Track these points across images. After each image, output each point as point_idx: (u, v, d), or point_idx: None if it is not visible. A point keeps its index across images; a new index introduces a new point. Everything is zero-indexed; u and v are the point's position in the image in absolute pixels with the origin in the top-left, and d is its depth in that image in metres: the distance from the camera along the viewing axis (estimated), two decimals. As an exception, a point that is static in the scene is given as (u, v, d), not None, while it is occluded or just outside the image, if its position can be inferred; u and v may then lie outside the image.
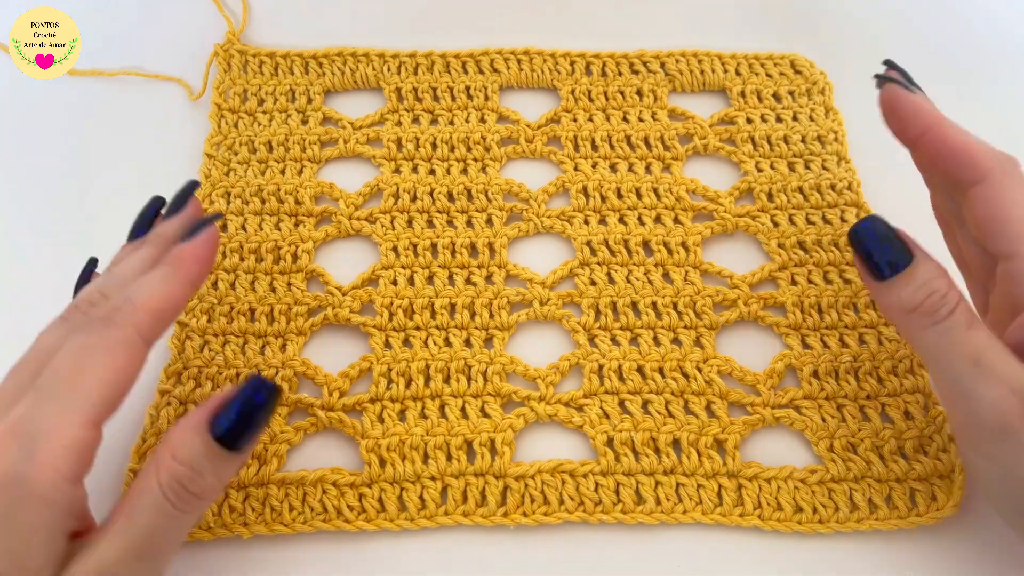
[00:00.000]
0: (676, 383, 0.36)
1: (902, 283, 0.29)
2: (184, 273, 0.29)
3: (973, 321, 0.27)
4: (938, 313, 0.28)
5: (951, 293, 0.28)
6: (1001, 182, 0.28)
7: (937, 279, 0.28)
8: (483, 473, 0.34)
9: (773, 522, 0.33)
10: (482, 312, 0.38)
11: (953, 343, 0.27)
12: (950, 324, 0.28)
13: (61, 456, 0.24)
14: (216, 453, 0.26)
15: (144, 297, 0.28)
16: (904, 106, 0.31)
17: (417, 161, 0.44)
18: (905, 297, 0.29)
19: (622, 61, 0.48)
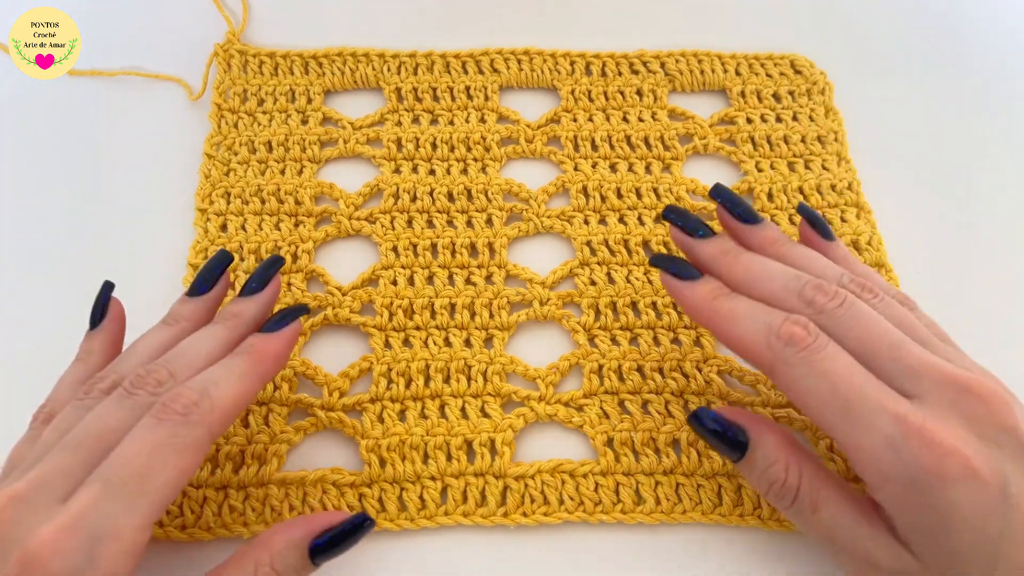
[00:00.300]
0: (676, 383, 0.37)
1: (746, 471, 0.29)
2: (263, 369, 0.29)
3: (817, 501, 0.27)
4: (783, 501, 0.28)
5: (790, 479, 0.28)
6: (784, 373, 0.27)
7: (773, 466, 0.28)
8: (483, 473, 0.34)
9: (773, 522, 0.33)
10: (482, 312, 0.38)
11: (805, 525, 0.28)
12: (796, 509, 0.28)
13: (121, 560, 0.24)
14: (307, 568, 0.28)
15: (223, 394, 0.27)
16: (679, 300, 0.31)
17: (417, 161, 0.44)
18: (753, 483, 0.29)
19: (622, 61, 0.48)
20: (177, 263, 0.40)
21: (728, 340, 0.29)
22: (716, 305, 0.30)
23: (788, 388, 0.28)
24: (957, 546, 0.25)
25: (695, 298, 0.30)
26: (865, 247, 0.41)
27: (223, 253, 0.32)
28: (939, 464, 0.25)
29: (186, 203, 0.43)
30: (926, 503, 0.25)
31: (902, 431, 0.25)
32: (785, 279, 0.29)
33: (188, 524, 0.33)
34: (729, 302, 0.30)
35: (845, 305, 0.28)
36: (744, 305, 0.29)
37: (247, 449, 0.35)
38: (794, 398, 0.28)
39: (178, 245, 0.41)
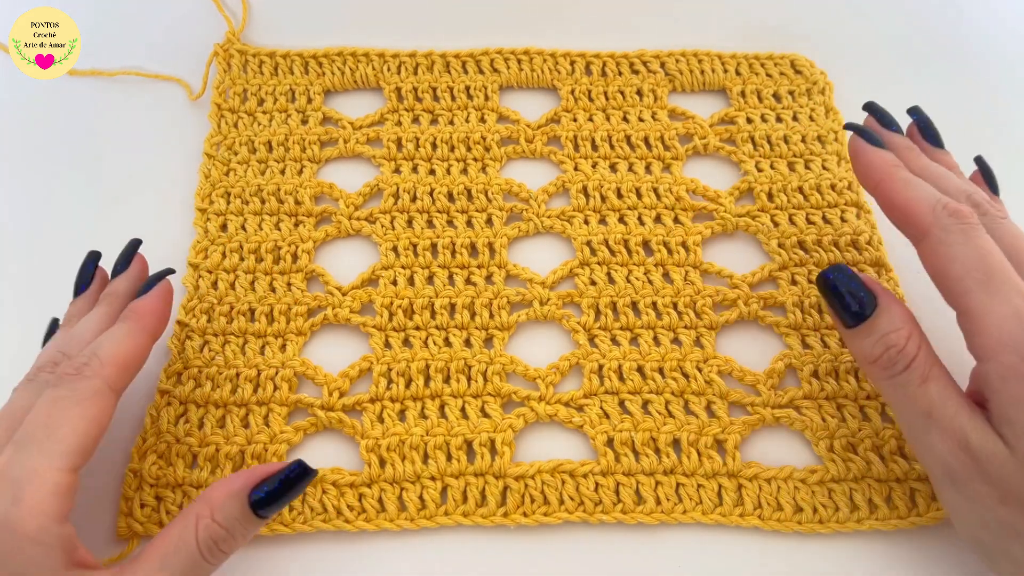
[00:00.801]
0: (676, 383, 0.36)
1: (863, 334, 0.30)
2: (143, 326, 0.32)
3: (928, 374, 0.29)
4: (895, 367, 0.29)
5: (909, 346, 0.29)
6: (939, 239, 0.30)
7: (896, 332, 0.29)
8: (483, 473, 0.34)
9: (773, 522, 0.33)
10: (482, 312, 0.38)
11: (907, 396, 0.29)
12: (905, 379, 0.29)
13: (46, 499, 0.26)
14: (249, 518, 0.28)
15: (109, 351, 0.30)
16: (860, 159, 0.34)
17: (417, 161, 0.44)
18: (865, 348, 0.30)
19: (622, 61, 0.48)
20: (177, 263, 0.40)
21: (895, 200, 0.32)
22: (894, 171, 0.32)
23: (935, 253, 0.30)
24: None
25: (879, 160, 0.33)
26: (865, 247, 0.41)
27: (92, 253, 0.36)
28: None
29: (186, 203, 0.43)
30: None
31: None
32: (959, 183, 0.33)
33: (188, 524, 0.33)
34: (906, 173, 0.33)
35: (1008, 220, 0.31)
36: (918, 180, 0.32)
37: (247, 449, 0.35)
38: (937, 264, 0.30)
39: (178, 245, 0.41)
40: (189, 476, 0.34)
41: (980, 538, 0.29)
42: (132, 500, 0.33)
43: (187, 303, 0.39)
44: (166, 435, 0.35)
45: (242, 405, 0.36)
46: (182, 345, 0.37)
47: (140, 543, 0.33)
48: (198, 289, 0.39)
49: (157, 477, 0.34)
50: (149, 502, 0.33)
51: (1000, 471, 0.27)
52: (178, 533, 0.27)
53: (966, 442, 0.27)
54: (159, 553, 0.27)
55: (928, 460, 0.29)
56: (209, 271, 0.40)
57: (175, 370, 0.37)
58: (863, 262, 0.40)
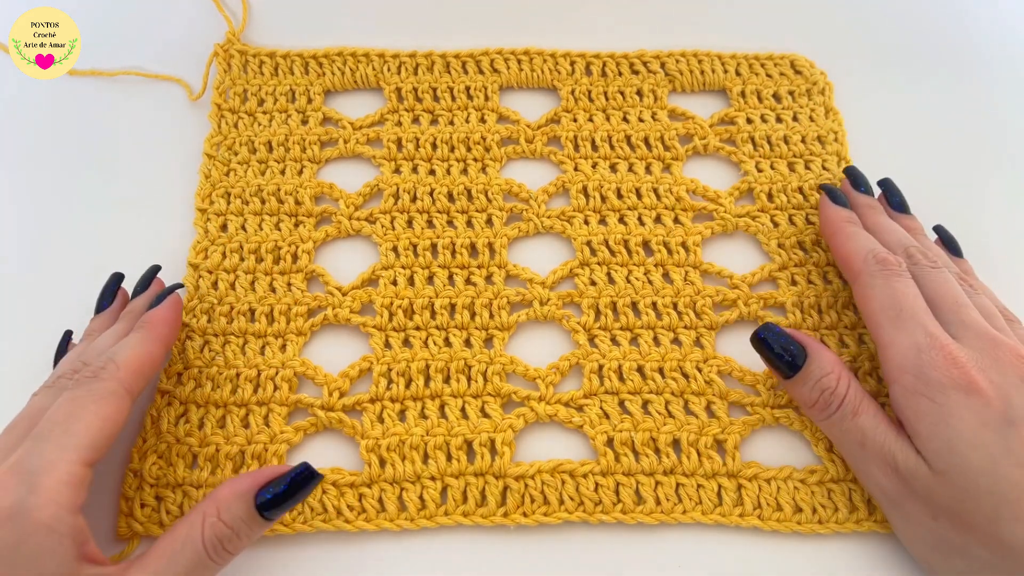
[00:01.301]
0: (676, 383, 0.37)
1: (800, 383, 0.33)
2: (156, 335, 0.34)
3: (858, 408, 0.32)
4: (830, 407, 0.33)
5: (839, 387, 0.32)
6: (865, 282, 0.35)
7: (827, 376, 0.33)
8: (483, 473, 0.34)
9: (772, 522, 0.33)
10: (482, 312, 0.38)
11: (843, 431, 0.32)
12: (839, 416, 0.32)
13: (60, 489, 0.27)
14: (255, 519, 0.29)
15: (124, 356, 0.32)
16: (821, 213, 0.39)
17: (417, 161, 0.44)
18: (803, 394, 0.33)
19: (622, 61, 0.48)
20: (177, 263, 0.40)
21: (838, 250, 0.37)
22: (844, 225, 0.38)
23: (860, 293, 0.35)
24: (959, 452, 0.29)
25: (835, 215, 0.39)
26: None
27: (115, 275, 0.38)
28: (948, 372, 0.30)
29: (186, 203, 0.43)
30: (930, 395, 0.30)
31: (929, 343, 0.31)
32: (900, 237, 0.37)
33: (188, 524, 0.33)
34: (853, 227, 0.38)
35: (937, 270, 0.35)
36: (864, 234, 0.37)
37: (247, 449, 0.35)
38: (861, 302, 0.35)
39: (178, 245, 0.41)
40: (189, 476, 0.34)
41: (924, 556, 0.32)
42: (132, 500, 0.33)
43: (187, 303, 0.39)
44: (166, 435, 0.35)
45: (242, 405, 0.36)
46: (182, 345, 0.37)
47: (140, 543, 0.33)
48: (198, 289, 0.39)
49: (157, 477, 0.34)
50: (149, 502, 0.33)
51: (924, 487, 0.30)
52: (185, 531, 0.28)
53: (895, 464, 0.31)
54: (166, 550, 0.28)
55: (869, 486, 0.33)
56: (209, 271, 0.40)
57: (175, 370, 0.37)
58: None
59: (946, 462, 0.29)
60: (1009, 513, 0.28)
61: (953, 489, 0.29)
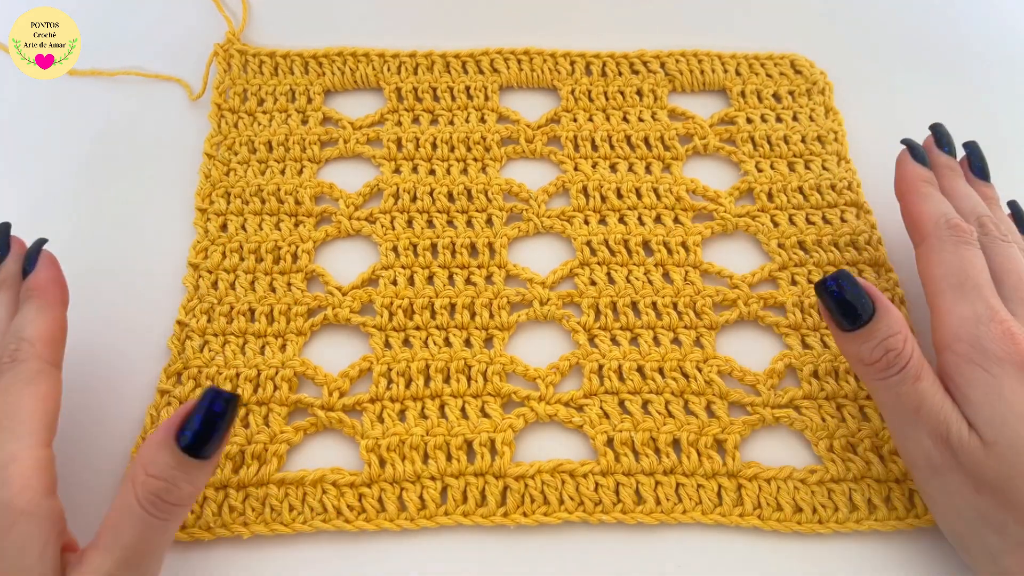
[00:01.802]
0: (676, 383, 0.37)
1: (862, 339, 0.31)
2: (49, 299, 0.33)
3: (920, 373, 0.31)
4: (891, 369, 0.31)
5: (905, 348, 0.31)
6: (932, 245, 0.34)
7: (894, 336, 0.31)
8: (483, 473, 0.34)
9: (772, 522, 0.33)
10: (482, 312, 0.38)
11: (900, 395, 0.31)
12: (900, 379, 0.31)
13: (31, 475, 0.27)
14: (186, 463, 0.27)
15: (32, 332, 0.31)
16: (898, 169, 0.38)
17: (417, 161, 0.44)
18: (864, 352, 0.31)
19: (622, 61, 0.48)
20: (177, 263, 0.40)
21: (910, 208, 0.36)
22: (919, 185, 0.37)
23: (926, 256, 0.34)
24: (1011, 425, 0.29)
25: (910, 172, 0.38)
26: (864, 247, 0.41)
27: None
28: (1005, 345, 0.30)
29: (186, 203, 0.43)
30: (985, 365, 0.30)
31: (989, 315, 0.31)
32: (975, 204, 0.36)
33: (188, 524, 0.33)
34: (929, 188, 0.37)
35: (1006, 241, 0.35)
36: (939, 196, 0.36)
37: (247, 449, 0.35)
38: (925, 265, 0.34)
39: (178, 245, 0.41)
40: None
41: (957, 530, 0.31)
42: (132, 500, 0.33)
43: (187, 303, 0.39)
44: (166, 435, 0.35)
45: (242, 405, 0.36)
46: (182, 345, 0.37)
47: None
48: (198, 289, 0.39)
49: (157, 477, 0.34)
50: (149, 502, 0.33)
51: (972, 459, 0.29)
52: (120, 500, 0.27)
53: (947, 433, 0.30)
54: (108, 527, 0.27)
55: (914, 454, 0.31)
56: (209, 271, 0.40)
57: (175, 370, 0.37)
58: (862, 262, 0.40)
59: (997, 433, 0.29)
60: None
61: (1001, 462, 0.29)
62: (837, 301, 0.32)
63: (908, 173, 0.38)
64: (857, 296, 0.31)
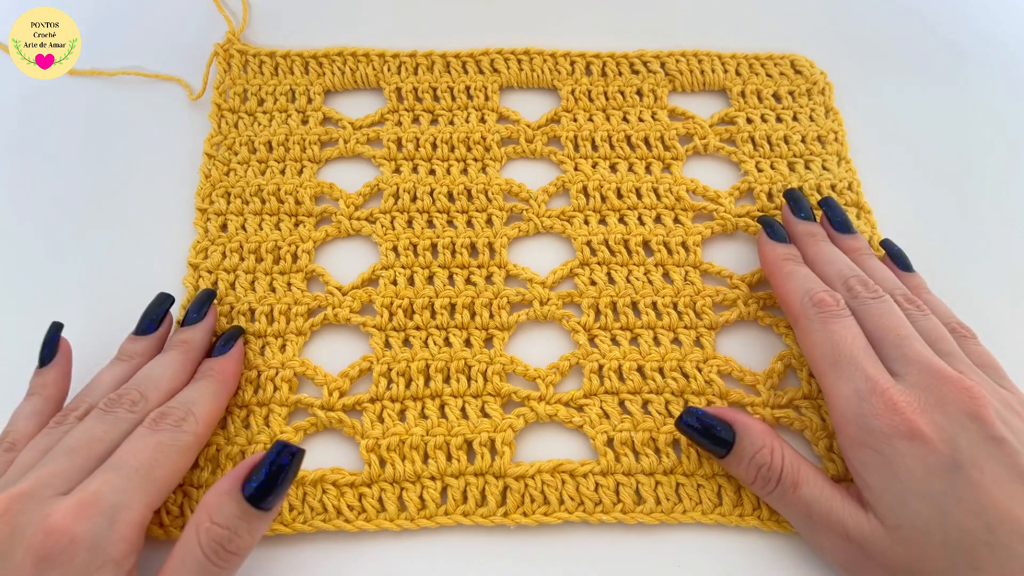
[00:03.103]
0: (676, 383, 0.37)
1: (735, 462, 0.32)
2: (228, 388, 0.35)
3: (797, 479, 0.31)
4: (769, 483, 0.31)
5: (774, 460, 0.31)
6: (803, 326, 0.34)
7: (759, 452, 0.31)
8: (483, 473, 0.34)
9: (772, 523, 0.33)
10: (482, 312, 0.38)
11: (787, 505, 0.31)
12: (780, 491, 0.31)
13: (133, 531, 0.28)
14: (249, 513, 0.28)
15: (203, 410, 0.33)
16: (760, 250, 0.39)
17: (417, 161, 0.44)
18: (741, 473, 0.32)
19: (622, 61, 0.48)
20: (177, 263, 0.40)
21: (777, 291, 0.37)
22: (783, 264, 0.37)
23: (801, 337, 0.34)
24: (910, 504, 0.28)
25: (772, 253, 0.38)
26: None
27: (163, 296, 0.37)
28: (889, 419, 0.29)
29: (186, 203, 0.43)
30: (875, 446, 0.29)
31: (868, 388, 0.30)
32: (841, 267, 0.36)
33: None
34: (793, 266, 0.37)
35: (878, 300, 0.34)
36: (802, 272, 0.36)
37: (248, 449, 0.35)
38: (803, 346, 0.34)
39: (178, 245, 0.41)
40: (189, 476, 0.34)
41: None
42: (132, 500, 0.33)
43: (187, 303, 0.39)
44: (166, 435, 0.35)
45: (243, 406, 0.36)
46: (182, 345, 0.37)
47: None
48: (198, 289, 0.39)
49: (157, 477, 0.34)
50: (149, 502, 0.33)
51: (878, 549, 0.29)
52: (183, 546, 0.28)
53: (845, 531, 0.29)
54: (170, 569, 0.27)
55: (828, 555, 0.31)
56: (209, 271, 0.40)
57: (175, 370, 0.37)
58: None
59: (898, 516, 0.28)
60: (965, 564, 0.27)
61: (908, 546, 0.28)
62: (700, 434, 0.32)
63: (768, 254, 0.38)
64: (712, 425, 0.32)
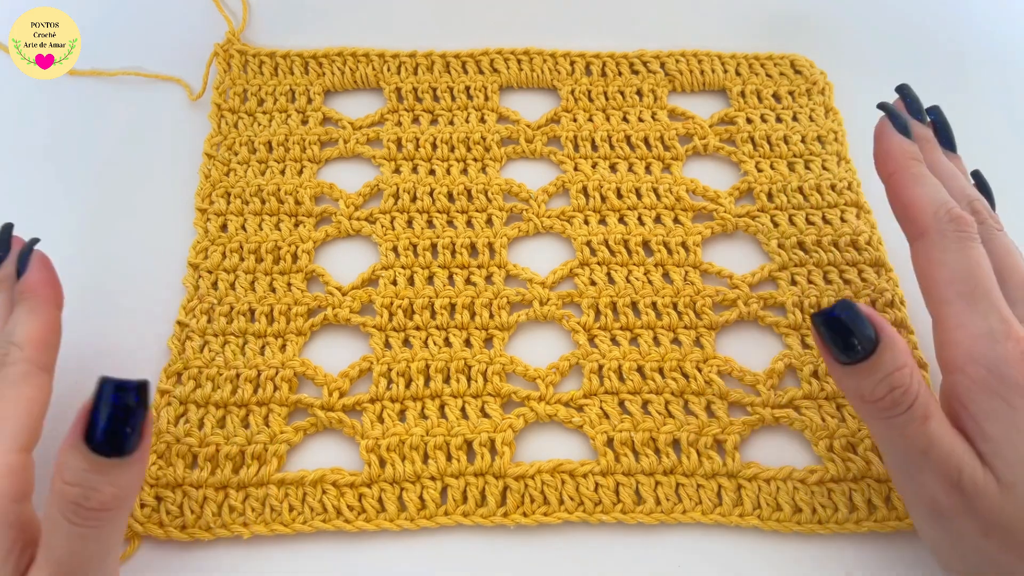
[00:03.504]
0: (676, 383, 0.37)
1: (863, 374, 0.27)
2: (44, 298, 0.32)
3: (928, 411, 0.27)
4: (896, 408, 0.27)
5: (912, 384, 0.27)
6: (934, 242, 0.30)
7: (900, 371, 0.27)
8: (483, 473, 0.34)
9: (772, 523, 0.33)
10: (482, 312, 0.38)
11: (905, 435, 0.27)
12: (906, 419, 0.27)
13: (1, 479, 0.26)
14: (100, 464, 0.24)
15: (22, 334, 0.30)
16: (881, 144, 0.33)
17: (417, 161, 0.44)
18: (865, 389, 0.28)
19: (622, 61, 0.48)
20: (177, 263, 0.40)
21: (902, 195, 0.31)
22: (909, 163, 0.32)
23: (927, 255, 0.30)
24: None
25: (899, 148, 0.32)
26: (865, 247, 0.41)
27: None
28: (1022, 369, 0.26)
29: (186, 203, 0.43)
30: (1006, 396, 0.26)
31: (1005, 331, 0.27)
32: (964, 187, 0.32)
33: (188, 524, 0.33)
34: (922, 169, 0.32)
35: (1003, 233, 0.31)
36: (932, 180, 0.31)
37: (247, 449, 0.35)
38: (926, 266, 0.30)
39: (178, 245, 0.41)
40: (189, 476, 0.34)
41: (958, 570, 0.29)
42: (132, 500, 0.33)
43: (187, 303, 0.39)
44: (166, 435, 0.35)
45: (242, 405, 0.36)
46: (182, 345, 0.37)
47: (140, 543, 0.33)
48: (198, 289, 0.39)
49: (157, 477, 0.34)
50: (149, 502, 0.33)
51: (985, 504, 0.26)
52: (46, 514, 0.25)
53: (958, 476, 0.27)
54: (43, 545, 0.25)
55: (918, 497, 0.28)
56: (209, 271, 0.40)
57: (175, 370, 0.37)
58: (863, 262, 0.40)
59: (1017, 475, 0.26)
60: None
61: (1018, 506, 0.26)
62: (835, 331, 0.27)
63: (894, 148, 0.32)
64: (859, 325, 0.27)
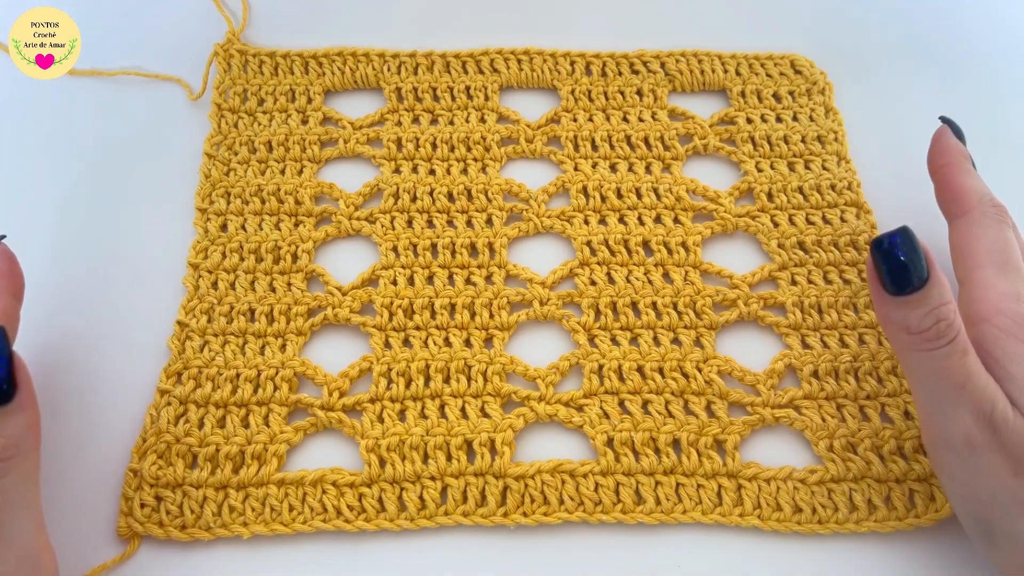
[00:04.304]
0: (676, 383, 0.37)
1: (912, 305, 0.29)
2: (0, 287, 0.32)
3: (967, 347, 0.29)
4: (940, 339, 0.29)
5: (956, 320, 0.29)
6: (975, 219, 0.34)
7: (946, 305, 0.29)
8: (483, 473, 0.34)
9: (772, 523, 0.33)
10: (482, 312, 0.38)
11: (944, 368, 0.29)
12: (948, 351, 0.29)
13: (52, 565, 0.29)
14: None
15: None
16: (940, 141, 0.38)
17: (417, 161, 0.44)
18: (912, 320, 0.29)
19: (622, 61, 0.48)
20: (177, 263, 0.40)
21: (952, 182, 0.36)
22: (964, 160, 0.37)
23: (968, 230, 0.34)
24: None
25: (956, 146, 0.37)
26: (865, 247, 0.41)
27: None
28: None
29: (186, 203, 0.43)
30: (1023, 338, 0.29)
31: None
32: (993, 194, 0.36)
33: (188, 524, 0.33)
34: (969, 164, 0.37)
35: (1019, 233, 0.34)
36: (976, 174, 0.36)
37: (247, 449, 0.35)
38: (966, 239, 0.34)
39: (178, 245, 0.41)
40: (189, 476, 0.34)
41: (984, 515, 0.29)
42: (132, 500, 0.33)
43: (187, 303, 0.39)
44: (166, 435, 0.35)
45: (242, 405, 0.36)
46: (182, 345, 0.37)
47: (140, 543, 0.33)
48: (198, 289, 0.39)
49: (157, 477, 0.34)
50: (149, 502, 0.33)
51: (1015, 439, 0.28)
52: None
53: (991, 411, 0.28)
54: None
55: (950, 431, 0.29)
56: (209, 271, 0.40)
57: (175, 370, 0.37)
58: (863, 262, 0.40)
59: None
60: None
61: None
62: (892, 262, 0.29)
63: (952, 146, 0.37)
64: (915, 259, 0.29)
